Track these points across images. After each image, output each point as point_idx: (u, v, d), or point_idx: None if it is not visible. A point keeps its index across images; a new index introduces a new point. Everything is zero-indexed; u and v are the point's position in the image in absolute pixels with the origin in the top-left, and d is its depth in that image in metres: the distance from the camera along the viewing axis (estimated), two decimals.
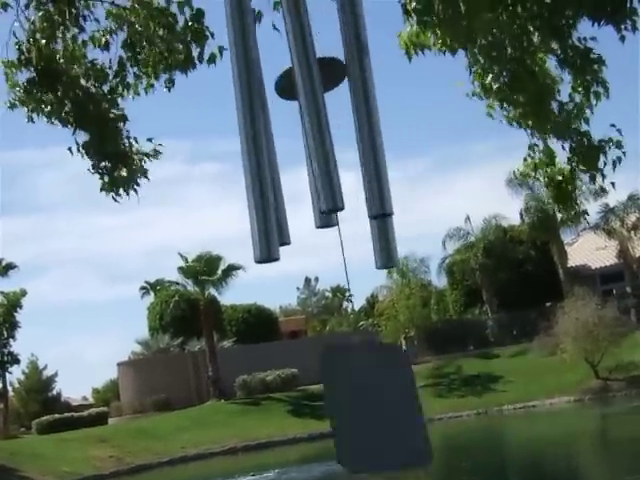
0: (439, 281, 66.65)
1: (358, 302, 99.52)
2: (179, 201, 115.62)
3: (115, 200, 7.88)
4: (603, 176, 6.67)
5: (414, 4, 5.86)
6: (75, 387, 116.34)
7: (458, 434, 39.24)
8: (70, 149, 7.87)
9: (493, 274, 59.08)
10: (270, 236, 3.61)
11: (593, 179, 6.73)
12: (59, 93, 7.64)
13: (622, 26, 5.82)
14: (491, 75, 6.23)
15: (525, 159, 7.03)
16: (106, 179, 7.89)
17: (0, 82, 7.96)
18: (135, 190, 7.95)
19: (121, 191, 7.89)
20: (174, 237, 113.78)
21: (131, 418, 51.21)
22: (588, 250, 59.79)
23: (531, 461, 28.61)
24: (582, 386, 43.15)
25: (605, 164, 6.60)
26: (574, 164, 6.69)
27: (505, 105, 6.56)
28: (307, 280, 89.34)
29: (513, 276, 57.98)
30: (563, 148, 6.80)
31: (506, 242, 60.26)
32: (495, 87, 6.30)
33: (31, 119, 7.83)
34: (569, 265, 56.73)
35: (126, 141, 7.95)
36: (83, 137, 7.90)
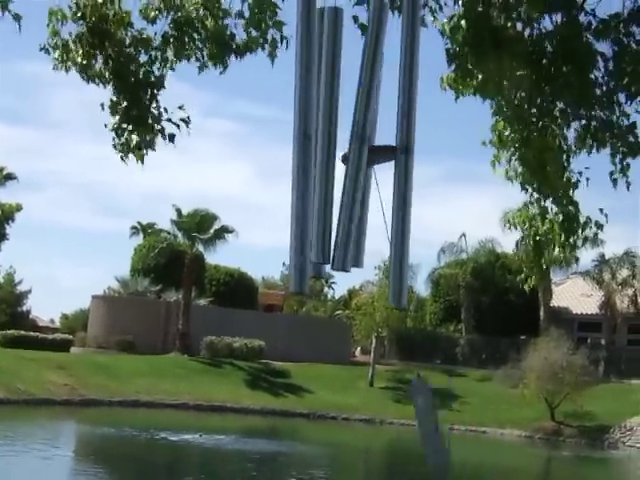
0: (424, 290, 67.11)
1: (340, 291, 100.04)
2: (188, 151, 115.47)
3: (123, 160, 8.05)
4: (572, 247, 6.99)
5: (457, 50, 6.14)
6: (45, 309, 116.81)
7: (403, 440, 39.69)
8: (102, 105, 8.05)
9: (476, 295, 59.46)
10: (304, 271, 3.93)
11: (573, 248, 7.05)
12: (104, 52, 7.85)
13: None
14: (510, 129, 6.52)
15: (519, 210, 7.32)
16: (122, 139, 8.04)
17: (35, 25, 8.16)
18: (146, 153, 8.12)
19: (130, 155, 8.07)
20: (175, 185, 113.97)
21: (93, 352, 51.48)
22: (573, 294, 60.12)
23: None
24: (535, 424, 43.55)
25: (585, 238, 6.91)
26: (557, 229, 6.98)
27: (513, 161, 6.84)
28: None
29: (495, 302, 58.34)
30: (551, 210, 7.08)
31: (496, 267, 60.59)
32: (510, 140, 6.59)
33: (65, 68, 7.97)
34: (552, 304, 57.09)
35: (155, 110, 8.14)
36: (112, 96, 8.06)
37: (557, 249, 7.18)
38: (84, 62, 7.83)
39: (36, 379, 40.42)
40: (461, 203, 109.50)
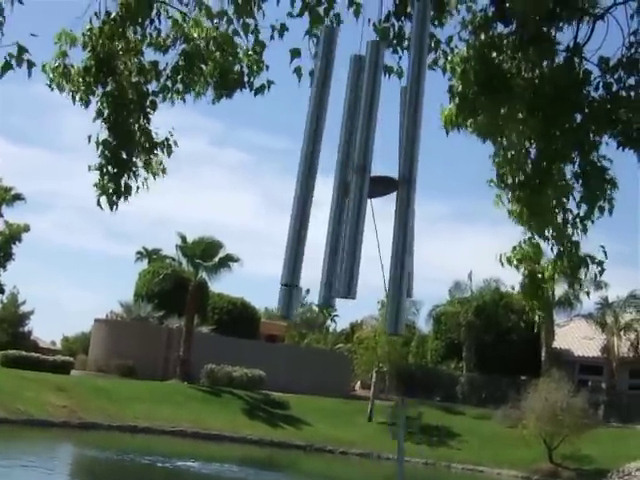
0: (426, 326, 67.06)
1: (342, 324, 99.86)
2: (196, 179, 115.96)
3: (98, 204, 8.12)
4: (580, 285, 7.12)
5: (459, 89, 6.32)
6: (47, 330, 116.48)
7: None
8: (89, 138, 8.09)
9: (478, 334, 59.38)
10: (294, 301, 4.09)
11: (571, 285, 7.19)
12: (107, 88, 7.98)
13: None
14: (509, 169, 6.69)
15: (514, 248, 7.46)
16: (105, 181, 8.14)
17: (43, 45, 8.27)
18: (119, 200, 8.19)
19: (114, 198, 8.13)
20: (182, 212, 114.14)
21: (94, 375, 51.51)
22: (575, 337, 60.05)
23: None
24: (533, 465, 43.39)
25: (586, 275, 7.05)
26: (557, 267, 7.11)
27: (512, 200, 7.00)
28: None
29: (497, 341, 58.26)
30: (552, 250, 7.23)
31: (499, 307, 60.56)
32: (509, 182, 6.76)
33: (59, 89, 8.04)
34: (553, 346, 57.00)
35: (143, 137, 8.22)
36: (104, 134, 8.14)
37: (558, 288, 7.33)
38: (84, 93, 7.93)
39: (36, 400, 40.42)
40: (468, 241, 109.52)
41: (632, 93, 6.70)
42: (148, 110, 8.20)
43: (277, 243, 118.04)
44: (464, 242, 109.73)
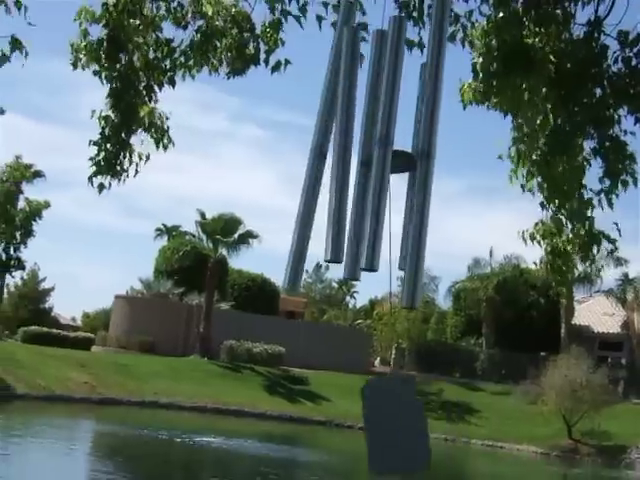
0: (445, 302, 67.11)
1: (361, 300, 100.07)
2: (215, 155, 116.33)
3: (89, 181, 7.97)
4: (592, 262, 7.11)
5: (481, 64, 6.30)
6: (67, 307, 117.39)
7: None
8: (92, 113, 8.01)
9: (498, 310, 59.31)
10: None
11: (584, 261, 7.18)
12: (117, 64, 7.95)
13: None
14: (529, 143, 6.66)
15: (536, 224, 7.42)
16: (101, 158, 8.00)
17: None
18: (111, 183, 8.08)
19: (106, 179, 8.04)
20: (201, 188, 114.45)
21: (114, 351, 51.81)
22: (595, 313, 59.89)
23: None
24: (552, 441, 43.42)
25: (598, 251, 7.04)
26: (572, 243, 7.09)
27: (530, 176, 6.97)
28: (318, 266, 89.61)
29: (517, 317, 58.19)
30: (566, 226, 7.20)
31: (519, 283, 60.46)
32: (529, 158, 6.73)
33: (81, 67, 7.97)
34: (573, 322, 56.89)
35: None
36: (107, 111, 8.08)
37: (577, 263, 7.31)
38: (98, 68, 7.91)
39: (56, 376, 40.72)
40: (485, 218, 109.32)
41: None
42: (155, 89, 8.16)
43: (295, 218, 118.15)
44: (481, 218, 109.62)
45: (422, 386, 50.79)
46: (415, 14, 7.34)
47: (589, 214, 6.95)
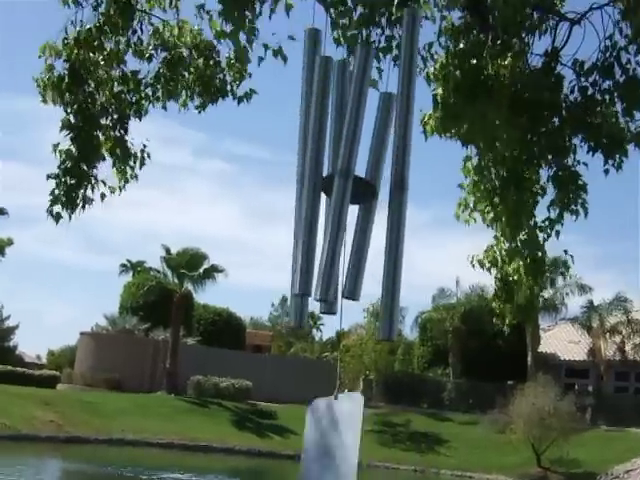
0: (411, 333, 67.09)
1: (328, 332, 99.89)
2: (178, 190, 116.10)
3: (50, 214, 7.99)
4: (541, 289, 7.19)
5: (441, 96, 6.38)
6: (32, 344, 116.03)
7: None
8: (54, 147, 8.06)
9: (464, 340, 59.38)
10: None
11: (531, 290, 7.25)
12: (77, 97, 7.95)
13: (609, 161, 6.37)
14: (486, 173, 6.75)
15: (486, 250, 7.48)
16: (60, 192, 8.02)
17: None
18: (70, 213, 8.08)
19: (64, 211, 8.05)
20: (164, 223, 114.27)
21: (80, 389, 51.31)
22: (561, 340, 60.18)
23: None
24: (521, 470, 43.42)
25: (548, 279, 7.15)
26: (526, 271, 7.16)
27: (481, 204, 7.05)
28: (284, 299, 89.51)
29: (483, 347, 58.27)
30: (523, 253, 7.26)
31: (485, 313, 60.57)
32: (482, 188, 6.82)
33: (51, 102, 8.01)
34: (539, 350, 57.09)
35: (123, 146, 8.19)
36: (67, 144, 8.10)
37: (525, 289, 7.37)
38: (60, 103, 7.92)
39: (22, 415, 40.23)
40: (449, 248, 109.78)
41: (607, 97, 6.78)
42: (127, 120, 8.19)
43: (260, 252, 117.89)
44: (447, 249, 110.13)
45: (390, 417, 50.74)
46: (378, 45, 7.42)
47: (541, 242, 7.03)
